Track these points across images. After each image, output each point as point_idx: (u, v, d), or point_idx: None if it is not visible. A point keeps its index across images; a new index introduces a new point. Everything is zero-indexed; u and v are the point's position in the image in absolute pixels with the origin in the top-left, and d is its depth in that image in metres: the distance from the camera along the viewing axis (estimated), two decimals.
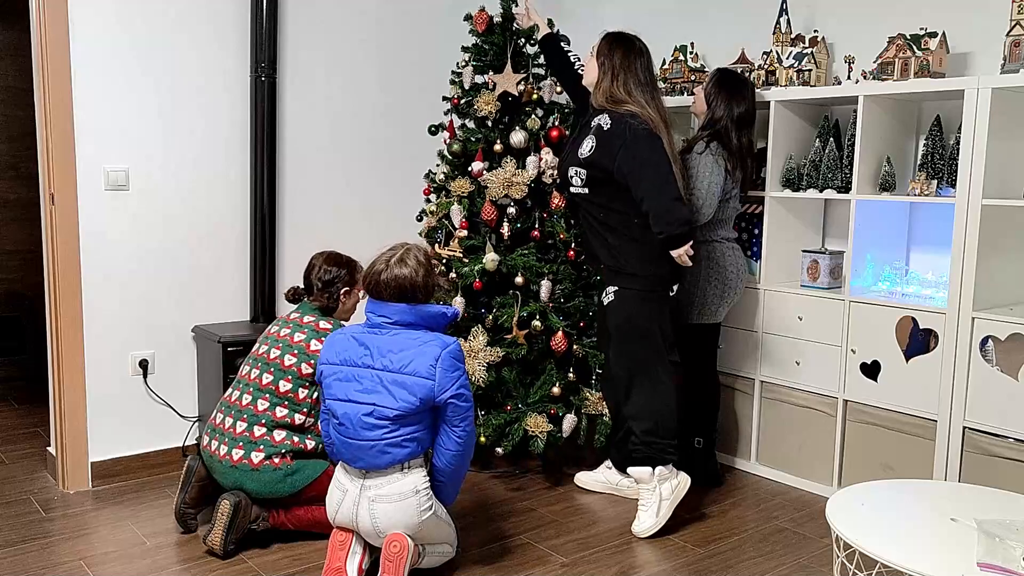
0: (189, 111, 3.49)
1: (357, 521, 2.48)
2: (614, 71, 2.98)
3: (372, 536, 2.50)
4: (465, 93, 3.57)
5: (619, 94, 2.96)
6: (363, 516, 2.46)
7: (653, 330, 2.98)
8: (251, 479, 2.75)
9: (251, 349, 3.03)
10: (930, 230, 3.40)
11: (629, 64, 2.98)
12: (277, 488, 2.75)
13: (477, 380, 3.27)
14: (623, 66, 2.98)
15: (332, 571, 2.49)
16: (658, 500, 2.98)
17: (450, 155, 3.54)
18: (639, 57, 3.01)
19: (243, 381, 2.90)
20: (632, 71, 2.97)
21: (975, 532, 2.06)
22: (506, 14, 3.49)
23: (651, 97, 2.99)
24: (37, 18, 3.17)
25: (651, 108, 2.95)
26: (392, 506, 2.45)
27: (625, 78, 2.97)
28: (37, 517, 3.06)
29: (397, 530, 2.45)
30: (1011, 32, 2.88)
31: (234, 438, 2.79)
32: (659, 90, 3.07)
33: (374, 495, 2.46)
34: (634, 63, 2.99)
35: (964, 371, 2.95)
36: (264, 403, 2.81)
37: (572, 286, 3.48)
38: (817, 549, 2.91)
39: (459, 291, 3.39)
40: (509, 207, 3.40)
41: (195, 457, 2.91)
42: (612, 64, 2.99)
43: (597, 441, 3.39)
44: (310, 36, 3.77)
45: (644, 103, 2.95)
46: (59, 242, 3.24)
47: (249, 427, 2.79)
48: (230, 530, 2.70)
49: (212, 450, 2.82)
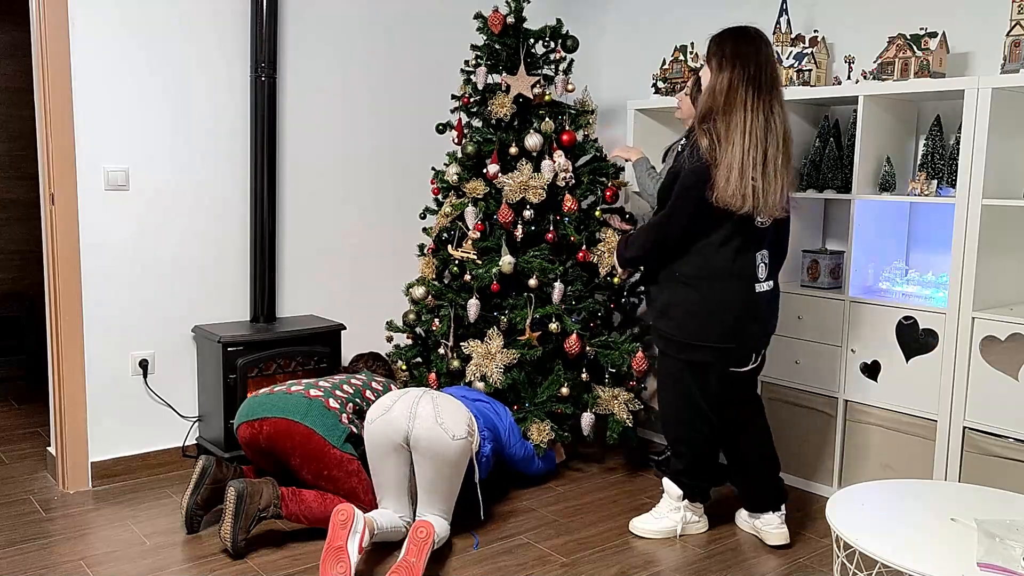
0: (189, 111, 3.49)
1: (417, 408, 2.72)
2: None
3: (431, 423, 2.69)
4: (477, 93, 3.58)
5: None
6: (425, 404, 2.73)
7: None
8: (319, 412, 2.88)
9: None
10: (930, 230, 3.40)
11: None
12: (332, 435, 2.86)
13: (494, 383, 3.29)
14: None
15: (333, 550, 2.49)
16: (679, 519, 2.97)
17: (464, 156, 3.55)
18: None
19: (326, 379, 3.15)
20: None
21: (975, 532, 2.06)
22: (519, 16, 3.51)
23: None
24: (37, 18, 3.17)
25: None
26: (454, 403, 2.79)
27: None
28: (37, 517, 3.06)
29: (456, 420, 2.72)
30: (1011, 32, 2.88)
31: (313, 385, 3.03)
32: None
33: (436, 394, 2.81)
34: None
35: (964, 371, 2.95)
36: (349, 389, 3.11)
37: (583, 287, 3.48)
38: (817, 549, 2.91)
39: (473, 293, 3.40)
40: (525, 210, 3.41)
41: (210, 458, 2.90)
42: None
43: (609, 438, 3.40)
44: (310, 36, 3.77)
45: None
46: (59, 242, 3.24)
47: (333, 388, 3.05)
48: (238, 517, 2.68)
49: (276, 390, 2.98)
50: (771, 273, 2.75)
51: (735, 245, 2.65)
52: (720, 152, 2.55)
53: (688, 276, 2.69)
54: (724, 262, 2.65)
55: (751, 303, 2.69)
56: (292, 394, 2.93)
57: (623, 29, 4.51)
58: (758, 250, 2.69)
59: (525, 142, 3.45)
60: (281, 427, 2.83)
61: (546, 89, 3.56)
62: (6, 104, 5.16)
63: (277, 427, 2.84)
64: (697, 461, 2.90)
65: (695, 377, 2.77)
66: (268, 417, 2.86)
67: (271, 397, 2.93)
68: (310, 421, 2.84)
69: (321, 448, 2.81)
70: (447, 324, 3.50)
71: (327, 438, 2.83)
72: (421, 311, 3.64)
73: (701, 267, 2.67)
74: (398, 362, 3.63)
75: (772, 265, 2.75)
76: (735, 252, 2.65)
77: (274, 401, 2.90)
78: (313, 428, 2.82)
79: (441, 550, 2.79)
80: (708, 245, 2.65)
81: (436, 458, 2.69)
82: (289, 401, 2.90)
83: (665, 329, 2.77)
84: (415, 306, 3.65)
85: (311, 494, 2.82)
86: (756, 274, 2.69)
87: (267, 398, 2.93)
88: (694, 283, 2.68)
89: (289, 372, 3.52)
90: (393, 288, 4.06)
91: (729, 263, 2.65)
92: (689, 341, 2.72)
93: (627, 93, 4.39)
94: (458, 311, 3.48)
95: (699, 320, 2.69)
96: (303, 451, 2.82)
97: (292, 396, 2.92)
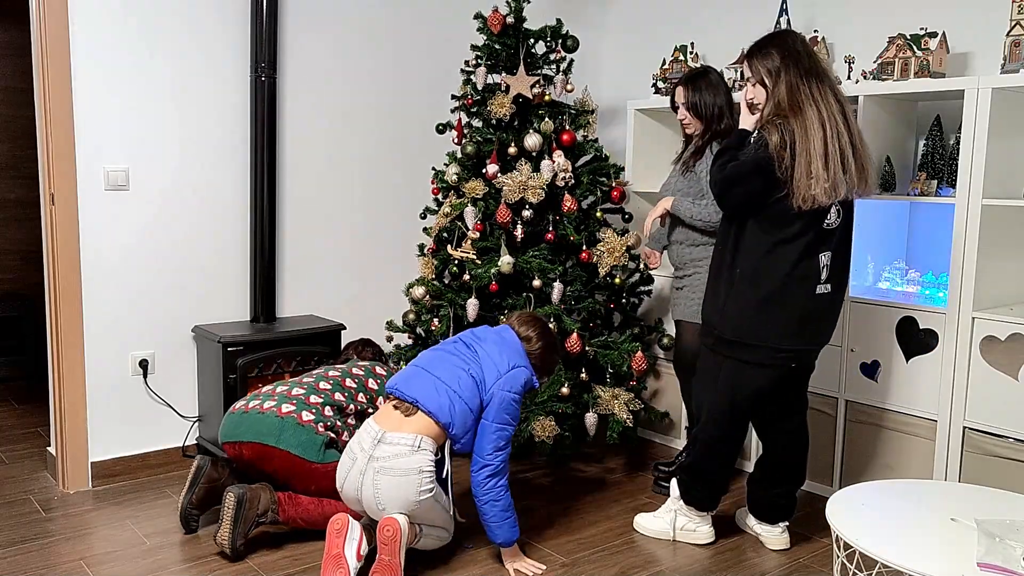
0: (189, 111, 3.49)
1: (361, 491, 2.55)
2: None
3: (374, 510, 2.56)
4: (477, 93, 3.58)
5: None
6: (367, 486, 2.53)
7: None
8: (293, 432, 2.79)
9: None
10: (930, 230, 3.40)
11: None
12: (309, 452, 2.78)
13: None
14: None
15: (332, 559, 2.49)
16: (672, 520, 2.96)
17: (463, 156, 3.55)
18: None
19: (297, 381, 3.04)
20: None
21: (975, 532, 2.06)
22: (518, 16, 3.51)
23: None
24: (37, 18, 3.17)
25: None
26: (395, 480, 2.51)
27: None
28: (37, 517, 3.06)
29: (396, 505, 2.52)
30: (1011, 32, 2.88)
31: (287, 398, 2.90)
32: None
33: (380, 467, 2.52)
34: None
35: (964, 371, 2.95)
36: (327, 385, 3.00)
37: (582, 287, 3.48)
38: (817, 549, 2.91)
39: (473, 293, 3.40)
40: (524, 210, 3.41)
41: (205, 458, 2.90)
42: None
43: (610, 438, 3.39)
44: (310, 36, 3.77)
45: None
46: (59, 242, 3.24)
47: (307, 394, 2.93)
48: (236, 523, 2.68)
49: (250, 407, 2.88)
50: (832, 275, 2.65)
51: (800, 245, 2.57)
52: (799, 149, 2.48)
53: (748, 274, 2.62)
54: (786, 262, 2.58)
55: (811, 305, 2.62)
56: (265, 414, 2.82)
57: (623, 29, 4.51)
58: (822, 252, 2.61)
59: (524, 142, 3.45)
60: (258, 451, 2.80)
61: (546, 89, 3.56)
62: (6, 104, 5.16)
63: (255, 451, 2.81)
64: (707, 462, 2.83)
65: (741, 378, 2.70)
66: (245, 441, 2.82)
67: (245, 418, 2.85)
68: (284, 443, 2.77)
69: (302, 466, 2.79)
70: (447, 324, 3.50)
71: (305, 456, 2.77)
72: (421, 311, 3.64)
73: (762, 265, 2.59)
74: (400, 362, 3.63)
75: (835, 267, 2.66)
76: (799, 252, 2.57)
77: (249, 423, 2.83)
78: (289, 450, 2.77)
79: (441, 550, 2.79)
80: (771, 243, 2.58)
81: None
82: (263, 424, 2.81)
83: (720, 327, 2.71)
84: (415, 306, 3.65)
85: (307, 497, 2.82)
86: (819, 276, 2.62)
87: (241, 418, 2.85)
88: (754, 281, 2.60)
89: (289, 372, 3.51)
90: (393, 288, 4.06)
91: (791, 264, 2.57)
92: (744, 340, 2.65)
93: (627, 93, 4.39)
94: (457, 311, 3.48)
95: (757, 320, 2.62)
96: (285, 471, 2.81)
97: (265, 417, 2.82)
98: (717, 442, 2.81)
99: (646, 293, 3.80)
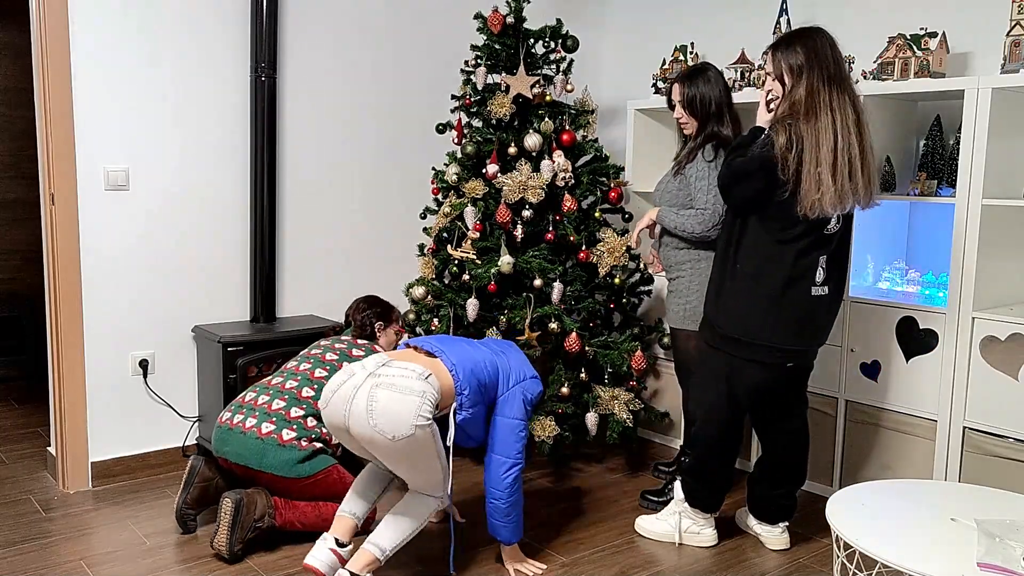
0: (189, 111, 3.49)
1: (351, 404, 2.34)
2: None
3: (363, 425, 2.32)
4: (477, 93, 3.58)
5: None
6: (359, 399, 2.33)
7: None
8: (275, 454, 2.76)
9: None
10: (930, 230, 3.40)
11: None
12: (295, 470, 2.76)
13: None
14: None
15: None
16: (676, 523, 2.95)
17: (463, 156, 3.54)
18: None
19: (290, 371, 2.99)
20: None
21: (975, 532, 2.06)
22: (518, 16, 3.51)
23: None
24: (37, 18, 3.17)
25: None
26: (394, 395, 2.32)
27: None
28: (37, 517, 3.06)
29: (389, 423, 2.30)
30: (1011, 32, 2.88)
31: (267, 413, 2.84)
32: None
33: (380, 382, 2.35)
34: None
35: (964, 371, 2.95)
36: (309, 392, 2.91)
37: (582, 287, 3.48)
38: (817, 549, 2.91)
39: (472, 293, 3.40)
40: (524, 210, 3.40)
41: (198, 457, 2.90)
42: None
43: (610, 437, 3.39)
44: (310, 36, 3.77)
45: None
46: (59, 242, 3.24)
47: (288, 407, 2.86)
48: (234, 529, 2.69)
49: (234, 423, 2.85)
50: (829, 278, 2.66)
51: (799, 247, 2.57)
52: (807, 156, 2.47)
53: (749, 271, 2.62)
54: (786, 262, 2.58)
55: (808, 306, 2.63)
56: (246, 435, 2.79)
57: (623, 29, 4.51)
58: (820, 255, 2.62)
59: (524, 142, 3.45)
60: (244, 472, 2.81)
61: (546, 89, 3.56)
62: (6, 104, 5.16)
63: (242, 471, 2.82)
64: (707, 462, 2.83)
65: (738, 374, 2.70)
66: (232, 461, 2.83)
67: (230, 435, 2.83)
68: (267, 466, 2.76)
69: (289, 483, 2.79)
70: (446, 324, 3.50)
71: (289, 476, 2.77)
72: (421, 311, 3.64)
73: (763, 264, 2.60)
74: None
75: (831, 270, 2.66)
76: (798, 253, 2.58)
77: (233, 443, 2.81)
78: (273, 472, 2.76)
79: (442, 551, 2.79)
80: (773, 242, 2.59)
81: (381, 452, 2.39)
82: (244, 447, 2.79)
83: (718, 323, 2.71)
84: (415, 306, 3.65)
85: (304, 501, 2.83)
86: (814, 277, 2.62)
87: (227, 435, 2.84)
88: (755, 279, 2.61)
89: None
90: (393, 288, 4.06)
91: (790, 264, 2.58)
92: (741, 337, 2.65)
93: (627, 93, 4.39)
94: (457, 311, 3.48)
95: (755, 317, 2.63)
96: (274, 488, 2.81)
97: (246, 439, 2.79)
98: (716, 440, 2.81)
99: (646, 293, 3.80)
